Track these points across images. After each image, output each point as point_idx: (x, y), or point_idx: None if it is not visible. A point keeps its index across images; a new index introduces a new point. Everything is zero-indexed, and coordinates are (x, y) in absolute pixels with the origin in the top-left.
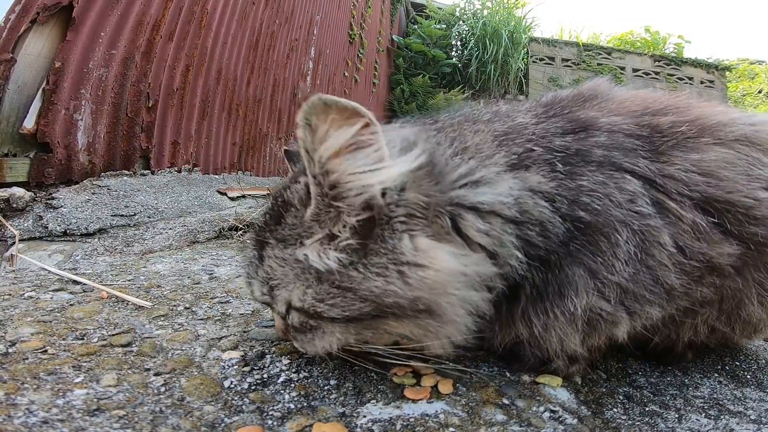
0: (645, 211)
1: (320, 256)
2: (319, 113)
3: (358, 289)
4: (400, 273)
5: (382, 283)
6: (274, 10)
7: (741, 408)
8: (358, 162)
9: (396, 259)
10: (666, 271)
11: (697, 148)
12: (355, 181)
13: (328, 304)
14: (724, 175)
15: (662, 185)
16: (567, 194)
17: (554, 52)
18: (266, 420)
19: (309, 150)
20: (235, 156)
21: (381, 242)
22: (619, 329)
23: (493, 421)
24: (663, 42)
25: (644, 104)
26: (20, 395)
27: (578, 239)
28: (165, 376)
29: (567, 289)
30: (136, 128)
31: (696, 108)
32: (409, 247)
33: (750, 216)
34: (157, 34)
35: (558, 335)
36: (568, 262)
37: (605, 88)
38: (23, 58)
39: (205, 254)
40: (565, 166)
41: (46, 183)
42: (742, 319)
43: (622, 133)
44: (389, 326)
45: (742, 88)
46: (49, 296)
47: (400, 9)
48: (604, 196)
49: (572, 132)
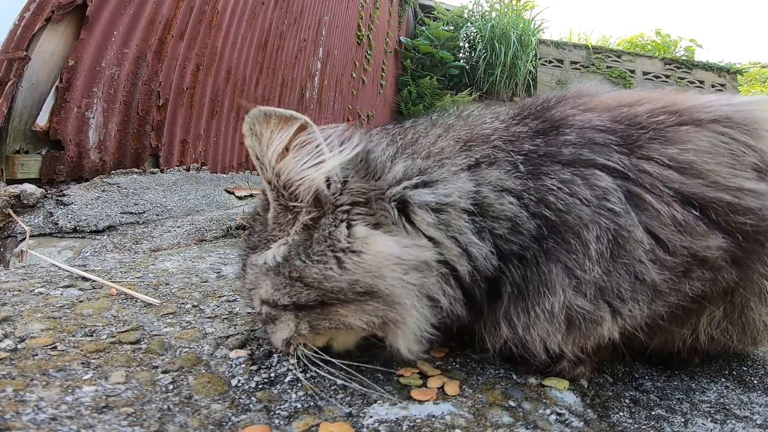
0: (617, 208)
1: (274, 255)
2: (261, 122)
3: (304, 276)
4: (336, 259)
5: (321, 269)
6: (283, 10)
7: (747, 413)
8: (302, 160)
9: (333, 246)
10: (643, 267)
11: (675, 139)
12: (302, 177)
13: (281, 293)
14: (704, 169)
15: (638, 179)
16: (534, 193)
17: (563, 55)
18: (273, 419)
19: (259, 156)
20: (243, 155)
21: (321, 231)
22: (603, 328)
23: (500, 423)
24: (674, 45)
25: (620, 98)
26: (29, 392)
27: (551, 237)
28: (173, 374)
29: (544, 287)
30: (146, 127)
31: (670, 95)
32: (345, 234)
33: (735, 208)
34: (169, 33)
35: (539, 334)
36: (545, 260)
37: (591, 89)
38: (37, 56)
39: (212, 253)
40: (529, 167)
41: (57, 180)
42: (748, 317)
43: (594, 129)
44: (339, 314)
45: (754, 92)
46: (59, 292)
47: (408, 10)
48: (570, 194)
49: (543, 133)
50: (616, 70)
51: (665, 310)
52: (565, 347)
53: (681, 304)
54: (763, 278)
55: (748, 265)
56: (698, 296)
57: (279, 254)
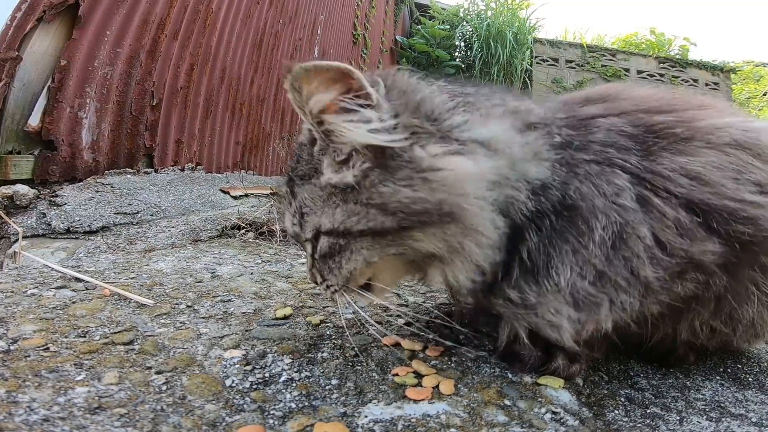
0: (627, 204)
1: (339, 175)
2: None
3: (389, 202)
4: (423, 180)
5: (411, 192)
6: (279, 9)
7: (742, 410)
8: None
9: (417, 167)
10: (640, 262)
11: (685, 151)
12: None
13: (355, 219)
14: (710, 179)
15: (650, 182)
16: (563, 169)
17: (558, 54)
18: (267, 419)
19: (301, 106)
20: (238, 155)
21: (398, 158)
22: (601, 311)
23: (495, 422)
24: (668, 44)
25: (641, 102)
26: (21, 393)
27: (564, 215)
28: (166, 374)
29: (555, 261)
30: (140, 126)
31: (692, 109)
32: (423, 154)
33: (735, 216)
34: (162, 32)
35: (550, 308)
36: (556, 236)
37: (614, 90)
38: (29, 56)
39: (207, 253)
40: (564, 148)
41: (50, 180)
42: (736, 319)
43: (618, 132)
44: (414, 239)
45: (747, 90)
46: (52, 293)
47: (404, 9)
48: (593, 185)
49: (574, 127)
50: (611, 68)
51: (656, 308)
52: (569, 324)
53: (673, 303)
54: (750, 282)
55: (737, 270)
56: (690, 297)
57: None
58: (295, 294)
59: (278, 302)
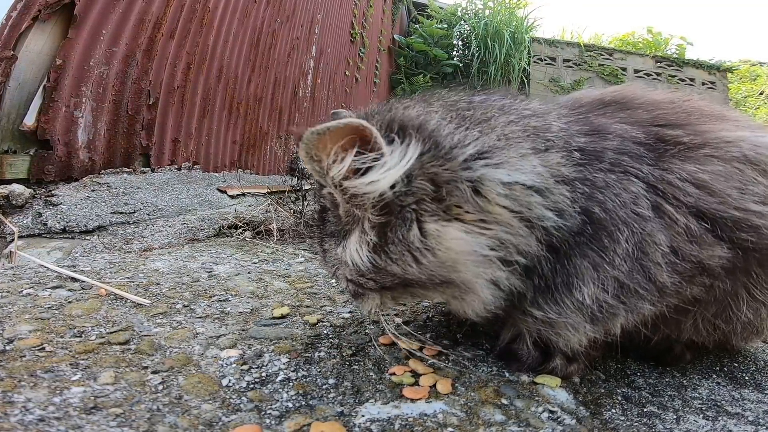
0: (645, 213)
1: (356, 250)
2: (317, 144)
3: (386, 269)
4: (414, 258)
5: (401, 266)
6: (276, 8)
7: (739, 409)
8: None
9: (409, 246)
10: (659, 269)
11: (694, 159)
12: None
13: (365, 278)
14: (717, 188)
15: (662, 190)
16: (585, 186)
17: (556, 53)
18: (264, 419)
19: (321, 176)
20: (236, 154)
21: (395, 232)
22: (617, 321)
23: (492, 421)
24: (665, 43)
25: (655, 113)
26: (17, 393)
27: (586, 232)
28: (163, 374)
29: (575, 280)
30: (136, 126)
31: (705, 123)
32: (417, 234)
33: (741, 225)
34: (159, 31)
35: (570, 324)
36: (576, 253)
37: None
38: (25, 55)
39: (204, 252)
40: (582, 158)
41: (46, 180)
42: (734, 320)
43: (631, 140)
44: (419, 292)
45: (744, 89)
46: (48, 293)
47: (402, 8)
48: (614, 195)
49: (587, 134)
50: (608, 67)
51: (665, 310)
52: (584, 336)
53: (679, 305)
54: (746, 286)
55: (738, 275)
56: (695, 299)
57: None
58: (293, 293)
59: (275, 301)
